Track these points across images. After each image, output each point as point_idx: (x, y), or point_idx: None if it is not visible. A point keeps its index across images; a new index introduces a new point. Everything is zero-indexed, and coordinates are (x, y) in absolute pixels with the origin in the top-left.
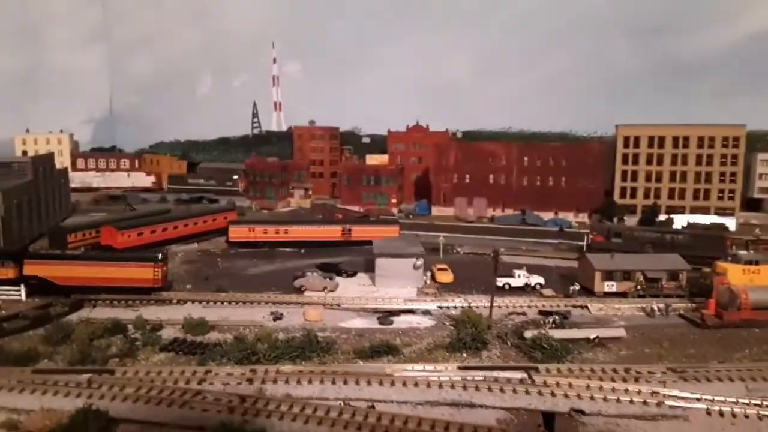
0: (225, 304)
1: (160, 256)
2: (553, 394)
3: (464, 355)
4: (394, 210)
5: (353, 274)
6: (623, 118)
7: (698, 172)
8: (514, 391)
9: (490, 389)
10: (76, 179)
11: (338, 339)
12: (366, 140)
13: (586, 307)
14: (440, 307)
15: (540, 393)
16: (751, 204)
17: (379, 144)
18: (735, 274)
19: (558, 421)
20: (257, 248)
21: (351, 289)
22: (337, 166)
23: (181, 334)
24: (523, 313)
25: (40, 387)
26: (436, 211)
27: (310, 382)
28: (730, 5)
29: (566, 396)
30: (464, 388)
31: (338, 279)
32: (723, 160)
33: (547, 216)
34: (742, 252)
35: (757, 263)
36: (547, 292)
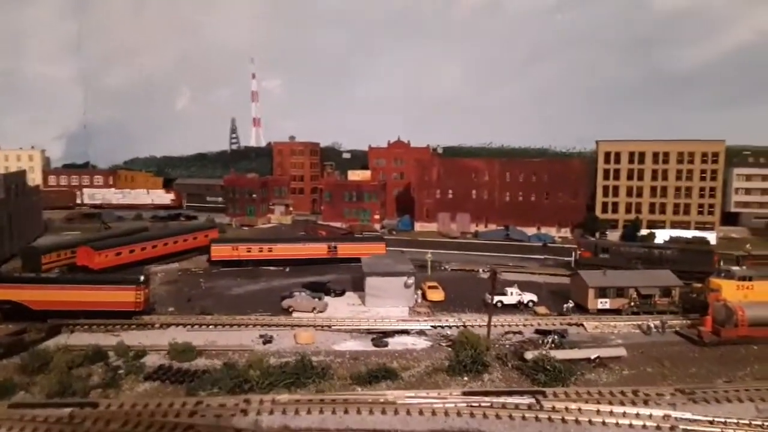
0: (211, 327)
1: (142, 278)
2: (564, 420)
3: (465, 378)
4: (377, 226)
5: (342, 293)
6: (604, 133)
7: (678, 187)
8: (524, 418)
9: (498, 416)
10: (97, 196)
11: (333, 363)
12: (346, 155)
13: (582, 325)
14: (434, 327)
15: (550, 419)
16: (728, 218)
17: (359, 159)
18: (729, 291)
19: None
20: (241, 267)
21: (341, 309)
22: (319, 181)
23: (167, 360)
24: (520, 332)
25: (17, 424)
26: (419, 226)
27: (308, 412)
28: (715, 21)
29: (577, 422)
30: (471, 415)
31: (327, 299)
32: (702, 175)
33: (530, 231)
34: (735, 268)
35: (750, 279)
36: (541, 309)
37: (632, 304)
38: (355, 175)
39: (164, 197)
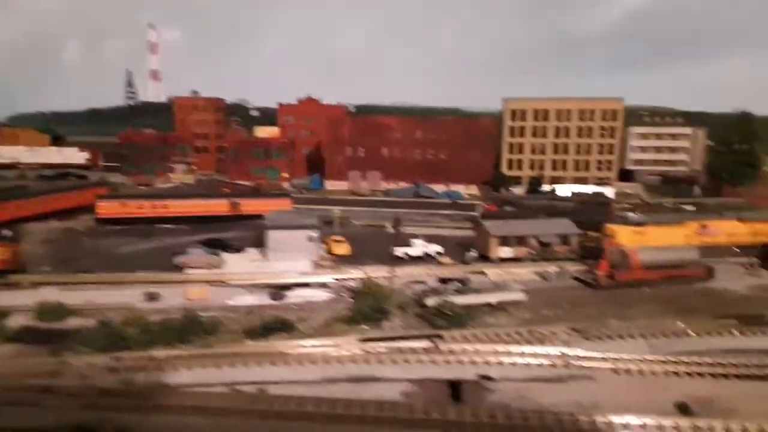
0: (90, 286)
1: (8, 234)
2: (460, 362)
3: (365, 327)
4: (286, 184)
5: (242, 250)
6: (513, 93)
7: (579, 144)
8: (420, 361)
9: (394, 361)
10: (4, 154)
11: (225, 318)
12: (255, 113)
13: (484, 273)
14: (337, 279)
15: (447, 361)
16: (625, 175)
17: (269, 117)
18: (624, 236)
19: (465, 390)
20: (132, 225)
21: (241, 265)
22: (224, 139)
23: (34, 321)
24: (423, 282)
25: None
26: (330, 185)
27: (189, 368)
28: None
29: (474, 363)
30: (366, 361)
31: (226, 255)
32: (602, 132)
33: (440, 189)
34: (630, 214)
35: (644, 225)
36: (446, 260)
37: (533, 252)
38: (262, 132)
39: (78, 156)
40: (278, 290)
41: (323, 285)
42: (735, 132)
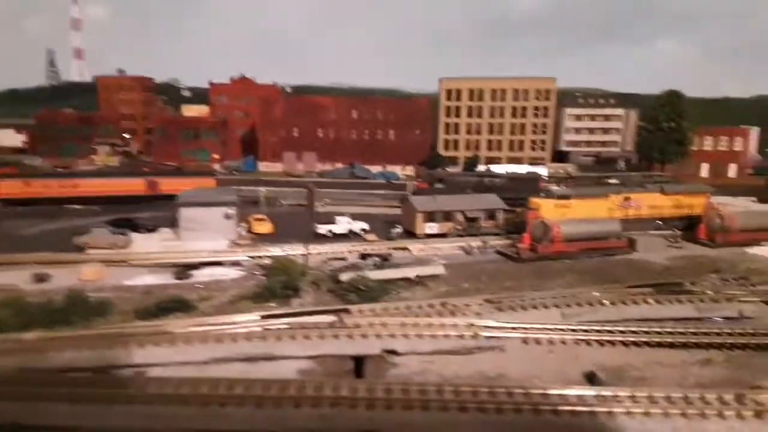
0: None
1: None
2: (364, 336)
3: (272, 304)
4: (217, 166)
5: (153, 230)
6: (449, 74)
7: (513, 124)
8: (321, 336)
9: (293, 337)
10: None
11: (118, 299)
12: (186, 93)
13: (407, 248)
14: (252, 257)
15: (350, 336)
16: (559, 156)
17: (201, 98)
18: (548, 209)
19: (368, 365)
20: (38, 206)
21: (150, 245)
22: (151, 119)
23: None
24: (344, 258)
25: None
26: (263, 167)
27: (60, 350)
28: None
29: (379, 337)
30: (263, 338)
31: (135, 235)
32: (535, 112)
33: (376, 169)
34: (555, 187)
35: (568, 197)
36: (371, 237)
37: (459, 227)
38: (191, 111)
39: (14, 138)
40: (184, 269)
41: (236, 264)
42: (663, 110)
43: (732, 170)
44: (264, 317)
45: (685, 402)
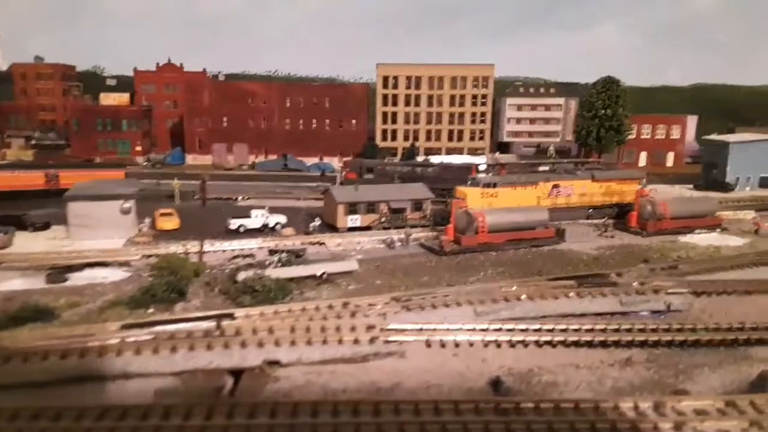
0: None
1: None
2: (243, 345)
3: (150, 310)
4: (140, 159)
5: (45, 227)
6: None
7: (452, 113)
8: (191, 348)
9: (156, 351)
10: None
11: None
12: (111, 82)
13: (323, 243)
14: (147, 257)
15: (226, 346)
16: (501, 147)
17: (127, 87)
18: (474, 198)
19: (244, 380)
20: None
21: (35, 244)
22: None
23: None
24: (251, 255)
25: None
26: (191, 159)
27: None
28: None
29: (261, 345)
30: (118, 353)
31: (20, 234)
32: (474, 100)
33: (311, 161)
34: (481, 175)
35: (495, 185)
36: (287, 231)
37: (383, 219)
38: (109, 99)
39: None
40: (61, 272)
41: (125, 264)
42: (599, 97)
43: (670, 159)
44: (125, 327)
45: (595, 413)
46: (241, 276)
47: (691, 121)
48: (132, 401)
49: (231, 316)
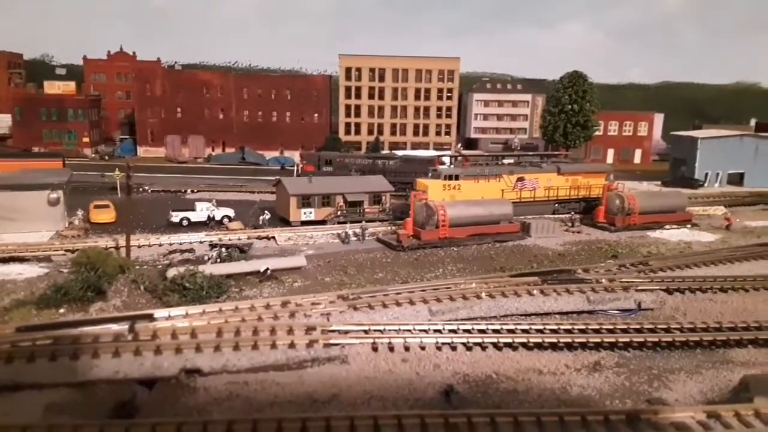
0: None
1: None
2: (158, 351)
3: (61, 310)
4: (88, 151)
5: None
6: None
7: (417, 107)
8: (95, 355)
9: (53, 358)
10: None
11: None
12: (61, 71)
13: (273, 237)
14: (72, 252)
15: (137, 352)
16: (469, 144)
17: (78, 77)
18: (436, 191)
19: (156, 391)
20: None
21: None
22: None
23: None
24: (191, 250)
25: None
26: (143, 152)
27: None
28: None
29: (179, 351)
30: (7, 361)
31: None
32: (439, 94)
33: (272, 155)
34: (443, 167)
35: (457, 177)
36: (235, 225)
37: (339, 213)
38: (54, 87)
39: None
40: None
41: (46, 259)
42: (566, 92)
43: (637, 156)
44: (20, 330)
45: (560, 427)
46: (171, 273)
47: (658, 118)
48: (12, 420)
49: (150, 318)
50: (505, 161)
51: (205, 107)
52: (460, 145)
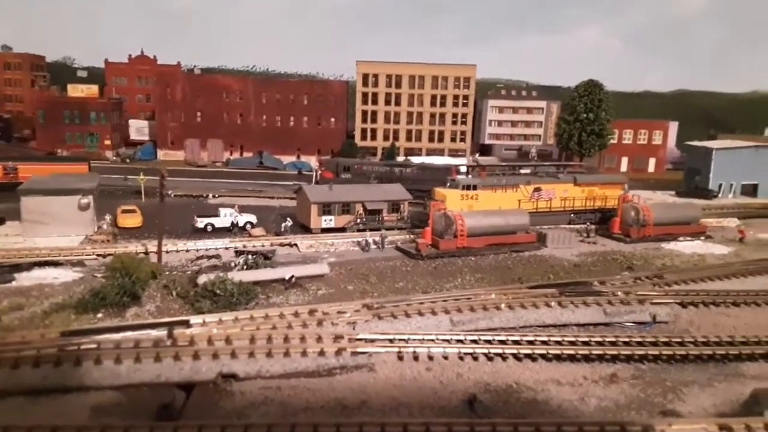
0: None
1: None
2: (196, 357)
3: (99, 315)
4: (109, 154)
5: (2, 223)
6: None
7: (433, 113)
8: (137, 359)
9: (98, 361)
10: None
11: None
12: (82, 74)
13: (295, 244)
14: (104, 256)
15: (177, 357)
16: (483, 150)
17: (99, 79)
18: (454, 201)
19: (194, 396)
20: None
21: None
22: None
23: None
24: (217, 256)
25: None
26: (162, 155)
27: None
28: None
29: (216, 357)
30: (56, 365)
31: None
32: (455, 101)
33: (289, 159)
34: (461, 177)
35: (475, 187)
36: (257, 231)
37: (358, 220)
38: (77, 91)
39: None
40: (6, 272)
41: (80, 263)
42: (581, 101)
43: (651, 165)
44: (65, 334)
45: None
46: (202, 279)
47: (673, 127)
48: (62, 421)
49: (186, 324)
50: (522, 171)
51: (224, 111)
52: (477, 154)
